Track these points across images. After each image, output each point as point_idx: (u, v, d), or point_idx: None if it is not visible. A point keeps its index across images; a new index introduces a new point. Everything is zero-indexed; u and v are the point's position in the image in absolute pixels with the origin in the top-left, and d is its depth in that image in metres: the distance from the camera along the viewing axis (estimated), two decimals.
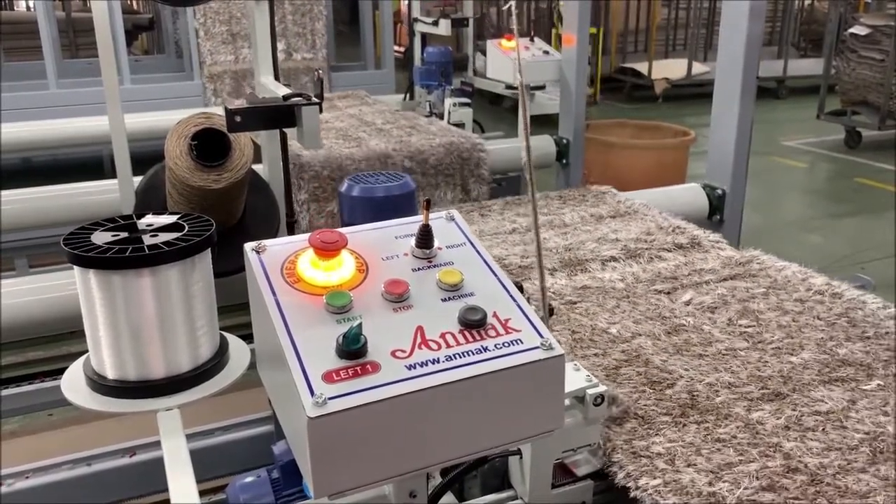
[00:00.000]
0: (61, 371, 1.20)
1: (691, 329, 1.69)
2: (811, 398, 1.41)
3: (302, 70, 6.08)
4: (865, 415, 1.35)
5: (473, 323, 0.89)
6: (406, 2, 5.27)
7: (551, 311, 1.43)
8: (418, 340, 0.87)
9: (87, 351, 1.16)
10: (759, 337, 1.65)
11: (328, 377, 0.81)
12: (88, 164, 5.32)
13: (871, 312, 1.75)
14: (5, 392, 2.52)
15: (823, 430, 1.31)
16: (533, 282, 1.85)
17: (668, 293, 1.88)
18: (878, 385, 1.45)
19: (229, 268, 1.56)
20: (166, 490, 1.00)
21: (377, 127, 3.69)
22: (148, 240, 1.10)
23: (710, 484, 1.16)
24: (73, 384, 1.16)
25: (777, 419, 1.34)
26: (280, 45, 5.53)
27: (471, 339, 0.88)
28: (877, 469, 1.21)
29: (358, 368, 0.82)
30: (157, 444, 1.10)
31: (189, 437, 1.10)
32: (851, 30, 7.81)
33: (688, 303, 1.82)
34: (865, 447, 1.26)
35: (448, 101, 4.23)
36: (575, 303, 1.84)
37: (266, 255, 0.96)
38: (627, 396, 1.40)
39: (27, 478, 1.99)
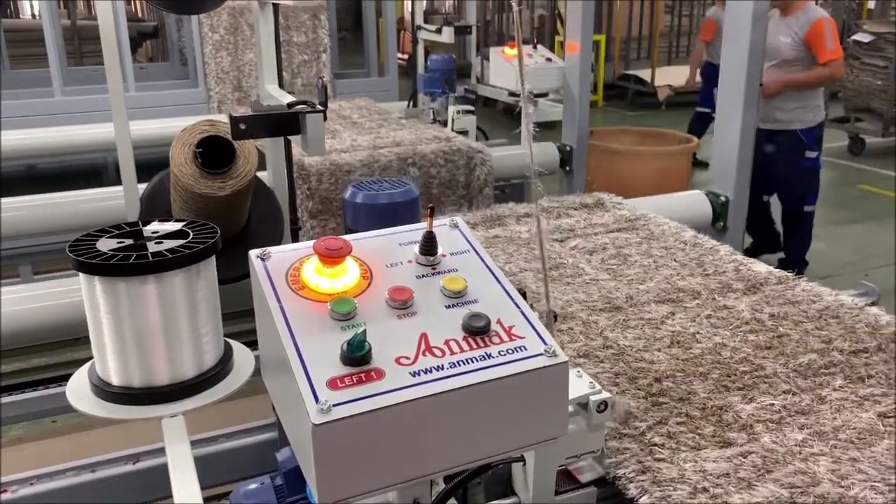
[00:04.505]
0: (66, 378, 1.19)
1: (568, 266, 2.05)
2: (641, 311, 1.77)
3: (300, 8, 5.71)
4: (679, 321, 1.71)
5: (477, 330, 0.89)
6: (409, 9, 5.27)
7: (555, 317, 1.43)
8: (422, 347, 0.87)
9: (91, 358, 1.16)
10: (620, 272, 2.00)
11: (332, 384, 0.81)
12: (93, 171, 5.34)
13: (719, 258, 2.06)
14: (10, 398, 2.52)
15: (641, 328, 1.68)
16: None
17: (561, 241, 2.22)
18: (697, 304, 1.79)
19: (234, 274, 1.56)
20: (170, 497, 1.00)
21: (352, 121, 3.97)
22: (153, 247, 1.10)
23: None
24: (77, 391, 1.16)
25: (608, 321, 1.72)
26: None
27: (475, 345, 0.88)
28: (669, 349, 1.58)
29: (362, 375, 0.83)
30: (162, 451, 1.10)
31: (193, 443, 1.10)
32: (855, 37, 7.82)
33: (573, 248, 2.17)
34: (667, 339, 1.63)
35: (451, 109, 4.24)
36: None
37: (271, 262, 0.96)
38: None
39: (31, 484, 1.99)
